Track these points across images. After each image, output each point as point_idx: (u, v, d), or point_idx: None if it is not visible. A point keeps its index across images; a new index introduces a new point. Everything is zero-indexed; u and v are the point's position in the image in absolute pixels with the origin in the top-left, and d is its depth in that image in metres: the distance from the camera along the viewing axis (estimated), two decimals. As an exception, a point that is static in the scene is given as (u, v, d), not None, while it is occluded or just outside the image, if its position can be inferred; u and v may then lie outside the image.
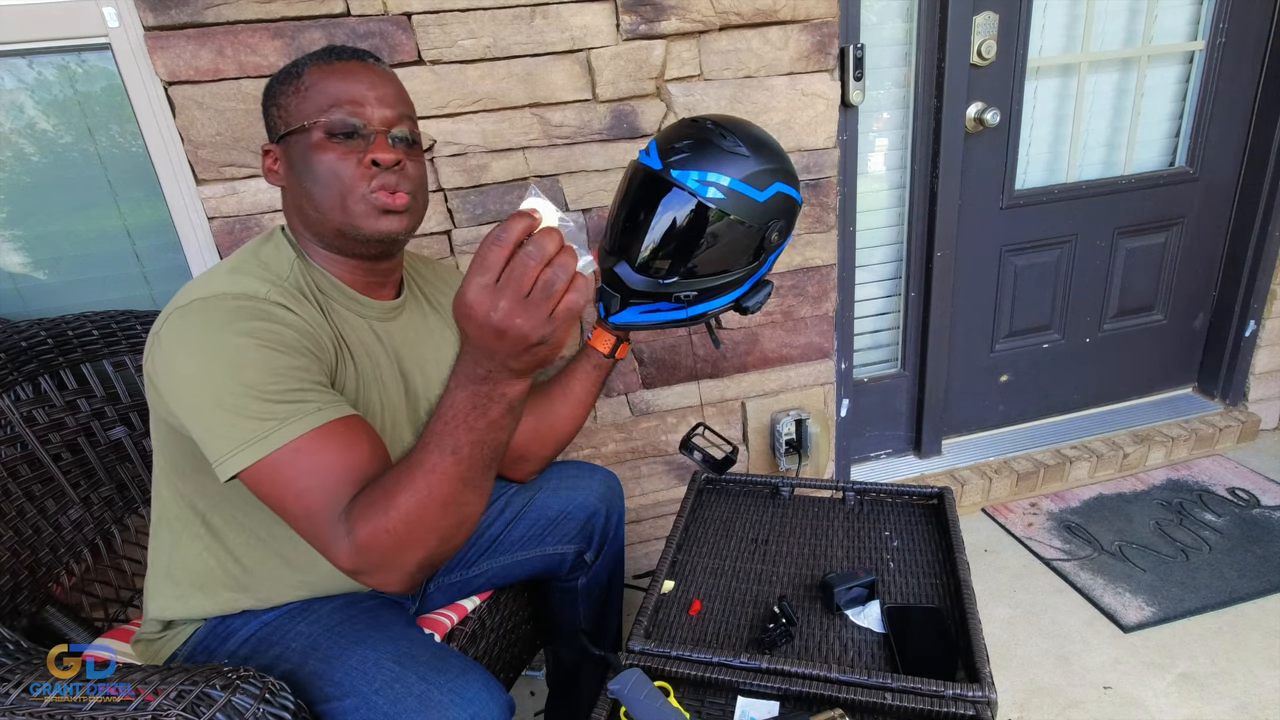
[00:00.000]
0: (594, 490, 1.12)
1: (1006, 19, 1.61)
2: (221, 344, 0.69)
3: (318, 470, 0.68)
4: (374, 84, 0.79)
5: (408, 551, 0.67)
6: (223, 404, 0.67)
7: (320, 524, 0.68)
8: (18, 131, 1.17)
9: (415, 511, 0.65)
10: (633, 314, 1.00)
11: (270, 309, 0.73)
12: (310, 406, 0.70)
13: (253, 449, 0.67)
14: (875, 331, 1.88)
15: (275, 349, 0.70)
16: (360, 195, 0.77)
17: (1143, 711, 1.29)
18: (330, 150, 0.77)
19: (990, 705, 0.80)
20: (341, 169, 0.77)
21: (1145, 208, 1.89)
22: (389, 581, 0.69)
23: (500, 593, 1.11)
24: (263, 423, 0.67)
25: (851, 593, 0.99)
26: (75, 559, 1.01)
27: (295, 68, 0.80)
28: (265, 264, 0.79)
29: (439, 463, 0.65)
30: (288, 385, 0.69)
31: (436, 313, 0.99)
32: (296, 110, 0.78)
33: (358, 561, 0.67)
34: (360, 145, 0.78)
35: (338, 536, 0.67)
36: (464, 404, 0.63)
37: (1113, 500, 1.87)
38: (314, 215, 0.80)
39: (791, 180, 0.96)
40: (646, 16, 1.28)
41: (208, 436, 0.69)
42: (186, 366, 0.69)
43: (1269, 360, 2.05)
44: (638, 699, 0.81)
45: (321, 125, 0.76)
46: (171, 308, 0.73)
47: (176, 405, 0.71)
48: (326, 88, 0.77)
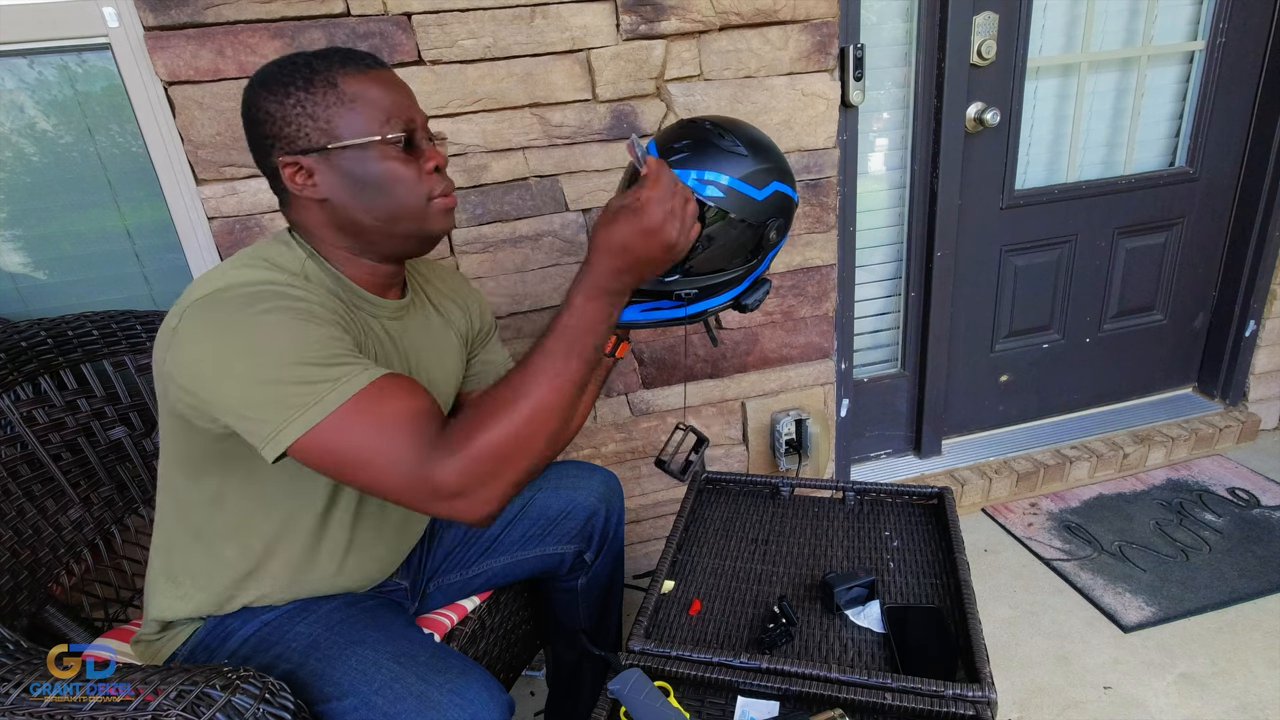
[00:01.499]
0: (594, 490, 1.12)
1: (1006, 19, 1.61)
2: (254, 324, 0.68)
3: (388, 417, 0.67)
4: (407, 90, 0.80)
5: (517, 460, 0.69)
6: (268, 379, 0.66)
7: (408, 462, 0.66)
8: (18, 131, 1.17)
9: (535, 414, 0.69)
10: (634, 312, 1.00)
11: (290, 290, 0.73)
12: (358, 367, 0.69)
13: (312, 411, 0.65)
14: (875, 331, 1.88)
15: (309, 321, 0.70)
16: (427, 200, 0.80)
17: (1143, 711, 1.29)
18: (398, 161, 0.77)
19: (990, 705, 0.80)
20: (409, 177, 0.78)
21: (1145, 208, 1.89)
22: (488, 499, 0.69)
23: (500, 593, 1.11)
24: (315, 386, 0.66)
25: (851, 593, 0.99)
26: (75, 559, 1.01)
27: (321, 76, 0.75)
28: (272, 261, 0.78)
29: (565, 366, 0.70)
30: (331, 351, 0.69)
31: (438, 312, 0.99)
32: (345, 123, 0.75)
33: (463, 480, 0.66)
34: (417, 152, 0.79)
35: (436, 463, 0.66)
36: (594, 313, 0.73)
37: (1113, 500, 1.87)
38: (374, 224, 0.79)
39: (788, 179, 0.96)
40: (646, 16, 1.28)
41: (255, 414, 0.67)
42: (219, 352, 0.68)
43: (1269, 360, 2.05)
44: (638, 699, 0.81)
45: (389, 140, 0.76)
46: (184, 303, 0.71)
47: (210, 394, 0.69)
48: (374, 99, 0.75)
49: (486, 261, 1.36)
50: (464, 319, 1.02)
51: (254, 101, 0.76)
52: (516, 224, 1.35)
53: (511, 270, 1.38)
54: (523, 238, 1.36)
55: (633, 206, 0.72)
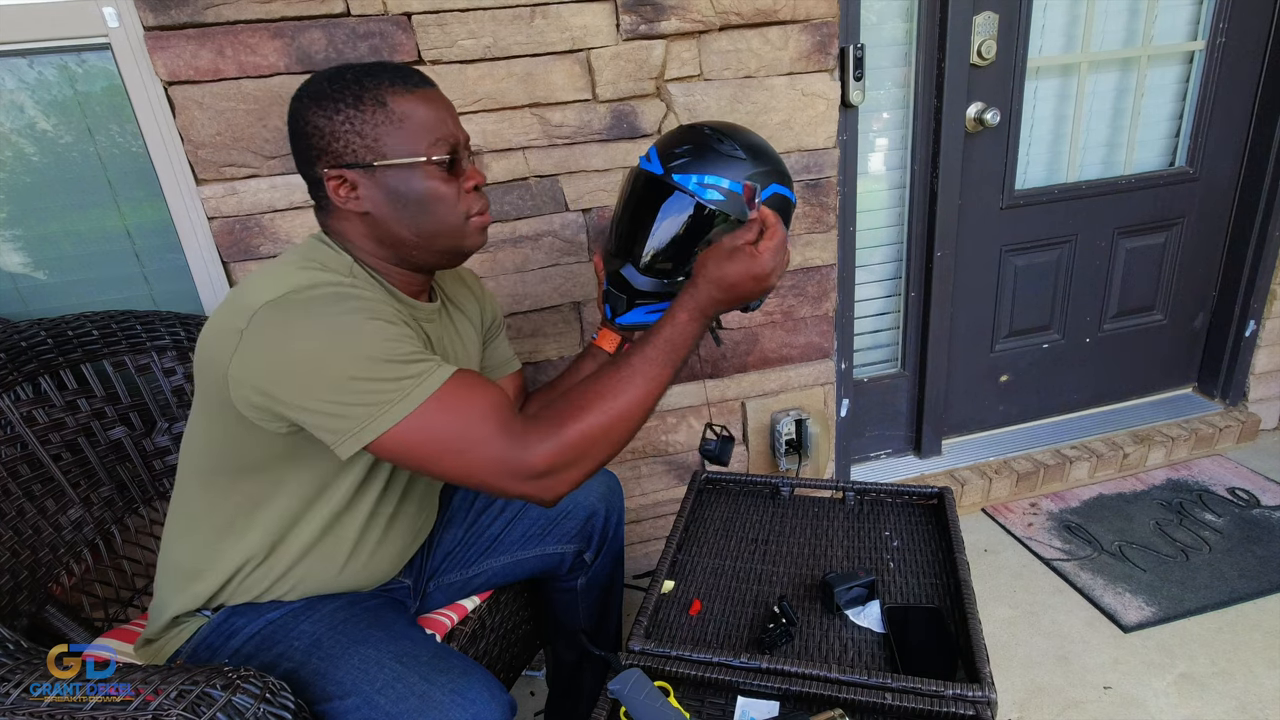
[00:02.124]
0: (594, 490, 1.12)
1: (1006, 19, 1.61)
2: (337, 322, 0.70)
3: (474, 405, 0.72)
4: (450, 109, 0.82)
5: (602, 450, 0.75)
6: (356, 374, 0.68)
7: (498, 444, 0.71)
8: (18, 131, 1.17)
9: (627, 411, 0.76)
10: (639, 314, 1.01)
11: (359, 292, 0.75)
12: (433, 364, 0.72)
13: (400, 405, 0.69)
14: (875, 331, 1.88)
15: (384, 320, 0.72)
16: (466, 218, 0.82)
17: (1143, 711, 1.29)
18: (440, 181, 0.79)
19: (990, 705, 0.80)
20: (451, 195, 0.80)
21: (1145, 208, 1.89)
22: (570, 480, 0.74)
23: (500, 593, 1.11)
24: (400, 382, 0.69)
25: (851, 593, 0.99)
26: (75, 559, 1.01)
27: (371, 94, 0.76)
28: (324, 264, 0.79)
29: (660, 372, 0.79)
30: (408, 349, 0.72)
31: (459, 310, 1.01)
32: (393, 142, 0.76)
33: (552, 463, 0.72)
34: (459, 170, 0.81)
35: (527, 446, 0.71)
36: (693, 332, 0.81)
37: (1113, 500, 1.87)
38: (414, 239, 0.81)
39: (786, 181, 0.98)
40: (646, 16, 1.28)
41: (338, 410, 0.68)
42: (304, 351, 0.68)
43: (1269, 360, 2.05)
44: (638, 699, 0.81)
45: (435, 161, 0.78)
46: (251, 305, 0.70)
47: (289, 392, 0.69)
48: (421, 119, 0.77)
49: (486, 261, 1.36)
50: (478, 313, 1.05)
51: (302, 114, 0.77)
52: (516, 224, 1.35)
53: (511, 270, 1.38)
54: (523, 238, 1.36)
55: (750, 252, 0.80)
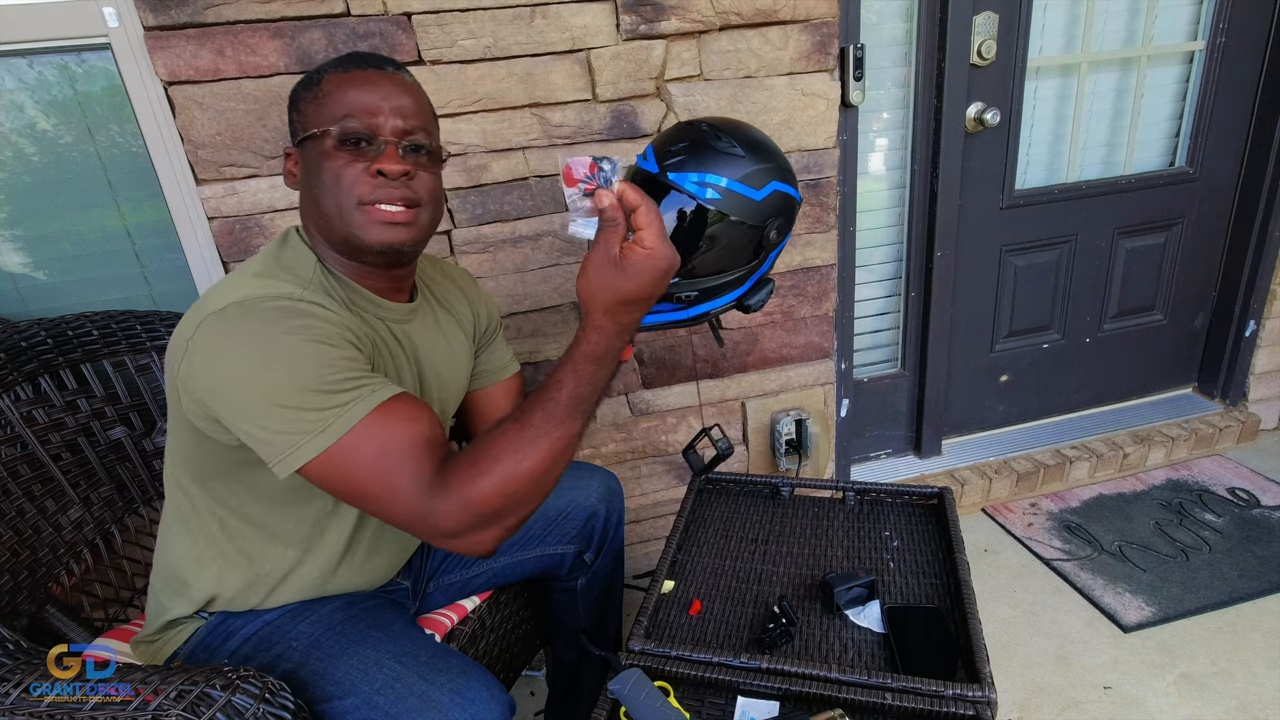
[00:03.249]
0: (594, 490, 1.12)
1: (1006, 19, 1.61)
2: (271, 343, 0.69)
3: (391, 446, 0.69)
4: (390, 93, 0.78)
5: (516, 509, 0.70)
6: (281, 400, 0.67)
7: (408, 495, 0.68)
8: (18, 131, 1.17)
9: (536, 469, 0.69)
10: None
11: (308, 307, 0.74)
12: (366, 390, 0.70)
13: (320, 438, 0.67)
14: (875, 331, 1.88)
15: (323, 343, 0.71)
16: (358, 204, 0.77)
17: (1143, 711, 1.29)
18: (338, 158, 0.76)
19: (990, 705, 0.80)
20: (345, 176, 0.76)
21: (1145, 208, 1.89)
22: (487, 539, 0.70)
23: (500, 593, 1.11)
24: (324, 412, 0.67)
25: (851, 593, 0.99)
26: (75, 559, 1.01)
27: (317, 73, 0.80)
28: (289, 268, 0.79)
29: (569, 426, 0.70)
30: (342, 375, 0.70)
31: (447, 311, 0.99)
32: (313, 116, 0.78)
33: (460, 524, 0.68)
34: (370, 154, 0.77)
35: (436, 502, 0.67)
36: (602, 375, 0.71)
37: (1113, 500, 1.87)
38: (322, 221, 0.80)
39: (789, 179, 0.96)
40: (646, 16, 1.28)
41: (266, 435, 0.68)
42: (236, 369, 0.68)
43: (1269, 360, 2.05)
44: (638, 699, 0.81)
45: (333, 133, 0.76)
46: (202, 313, 0.71)
47: (224, 409, 0.69)
48: (342, 96, 0.77)
49: (486, 261, 1.36)
50: (471, 317, 1.03)
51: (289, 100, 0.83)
52: (516, 224, 1.35)
53: (511, 270, 1.38)
54: (523, 238, 1.36)
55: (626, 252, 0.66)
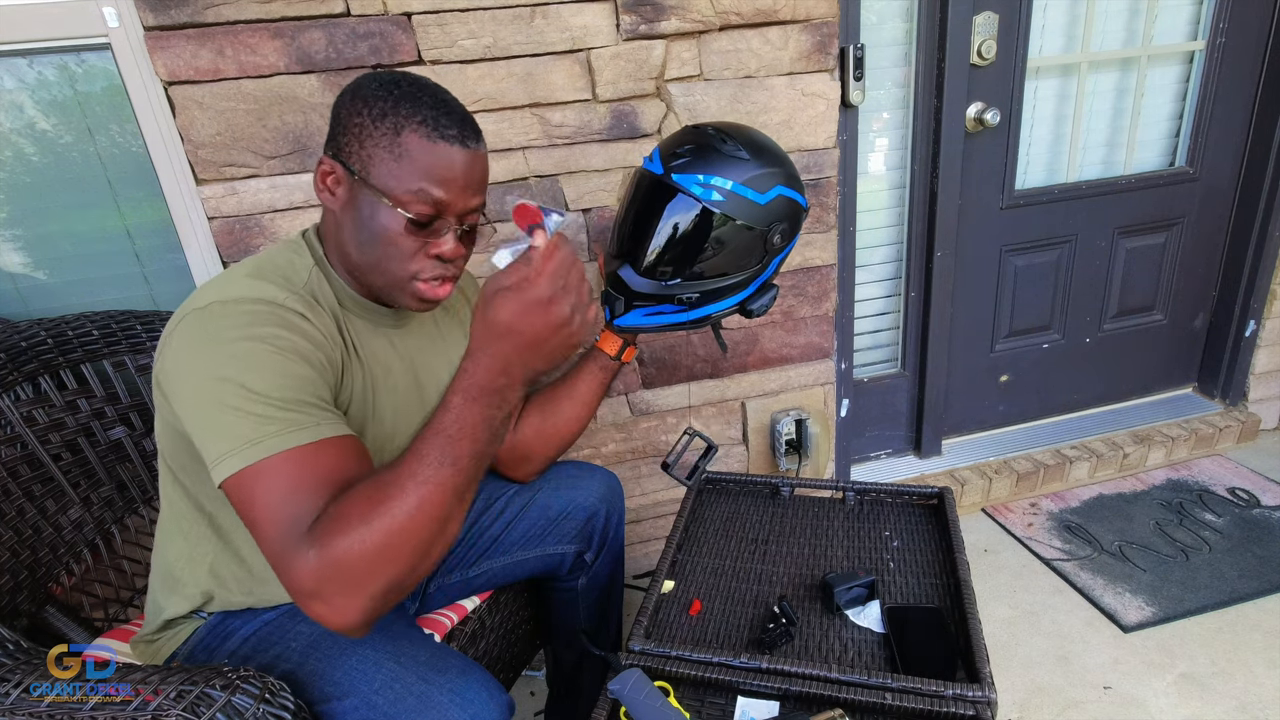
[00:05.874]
0: (594, 490, 1.12)
1: (1006, 19, 1.61)
2: (234, 347, 0.68)
3: (298, 486, 0.64)
4: (468, 174, 0.77)
5: (379, 572, 0.62)
6: (225, 405, 0.66)
7: (280, 539, 0.63)
8: (18, 131, 1.17)
9: (401, 525, 0.62)
10: (636, 316, 1.01)
11: (287, 315, 0.73)
12: (309, 419, 0.68)
13: (246, 452, 0.65)
14: (875, 331, 1.88)
15: (287, 355, 0.70)
16: (410, 278, 0.78)
17: (1143, 711, 1.29)
18: (404, 232, 0.75)
19: (990, 705, 0.80)
20: (403, 247, 0.76)
21: (1145, 208, 1.89)
22: (344, 609, 0.62)
23: (500, 593, 1.11)
24: (261, 426, 0.65)
25: (851, 593, 0.99)
26: (75, 559, 1.01)
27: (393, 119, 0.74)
28: (282, 270, 0.79)
29: (436, 474, 0.63)
30: (294, 394, 0.68)
31: (446, 311, 0.99)
32: (384, 169, 0.74)
33: (317, 581, 0.61)
34: (433, 231, 0.77)
35: (298, 553, 0.61)
36: (474, 416, 0.65)
37: (1113, 500, 1.87)
38: (354, 259, 0.79)
39: (794, 184, 0.96)
40: (646, 16, 1.28)
41: (206, 436, 0.67)
42: (195, 367, 0.68)
43: (1269, 360, 2.05)
44: (638, 699, 0.81)
45: (405, 211, 0.74)
46: (186, 310, 0.72)
47: (179, 405, 0.70)
48: (420, 166, 0.74)
49: (487, 261, 1.36)
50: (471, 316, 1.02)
51: (341, 98, 0.78)
52: (516, 224, 1.35)
53: (511, 270, 1.38)
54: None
55: (518, 284, 0.64)
